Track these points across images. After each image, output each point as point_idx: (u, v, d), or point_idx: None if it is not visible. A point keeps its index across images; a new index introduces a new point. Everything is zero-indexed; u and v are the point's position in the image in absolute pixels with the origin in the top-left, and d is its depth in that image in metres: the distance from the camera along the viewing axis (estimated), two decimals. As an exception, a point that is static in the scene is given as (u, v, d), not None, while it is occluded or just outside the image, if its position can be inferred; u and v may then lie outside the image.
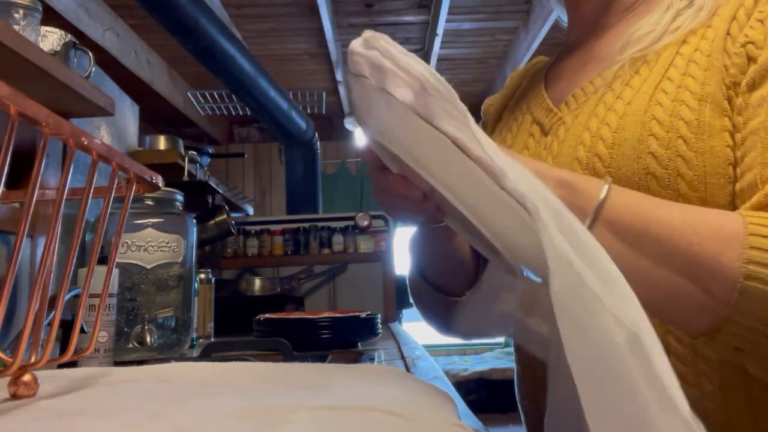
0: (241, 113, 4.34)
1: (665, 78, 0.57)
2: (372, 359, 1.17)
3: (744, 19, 0.55)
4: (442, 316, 0.75)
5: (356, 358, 1.24)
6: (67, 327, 0.92)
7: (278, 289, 2.24)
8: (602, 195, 0.48)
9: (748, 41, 0.54)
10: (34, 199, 0.40)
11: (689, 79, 0.56)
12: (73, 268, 0.47)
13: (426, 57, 4.05)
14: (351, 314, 1.46)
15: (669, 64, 0.58)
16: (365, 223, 2.66)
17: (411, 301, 0.81)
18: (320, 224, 2.75)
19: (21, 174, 1.03)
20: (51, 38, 1.18)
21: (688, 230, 0.45)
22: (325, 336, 1.37)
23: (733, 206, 0.52)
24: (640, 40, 0.60)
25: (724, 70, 0.54)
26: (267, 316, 1.49)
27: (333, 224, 2.73)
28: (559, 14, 0.77)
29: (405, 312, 2.80)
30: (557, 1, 0.73)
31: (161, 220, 1.28)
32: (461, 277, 0.72)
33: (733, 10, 0.56)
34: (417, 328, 3.88)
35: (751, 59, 0.53)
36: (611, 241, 0.46)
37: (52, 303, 0.59)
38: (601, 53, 0.66)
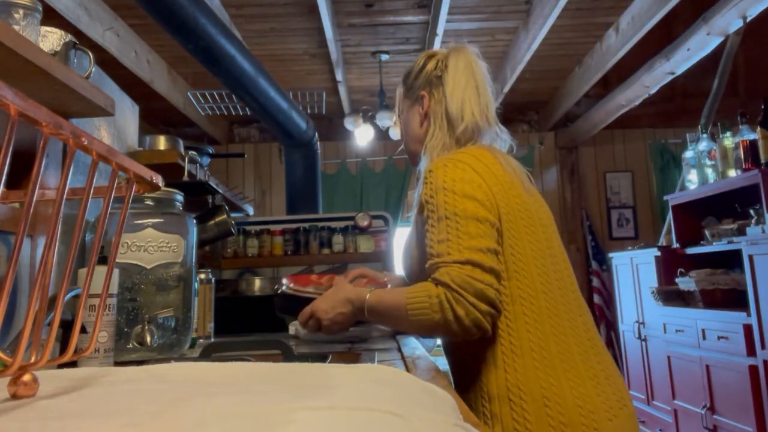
0: (241, 113, 4.34)
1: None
2: (372, 359, 1.17)
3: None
4: None
5: (356, 358, 1.24)
6: (67, 327, 0.92)
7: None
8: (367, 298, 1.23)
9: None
10: (34, 199, 0.40)
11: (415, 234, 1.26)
12: (73, 268, 0.47)
13: (426, 57, 4.05)
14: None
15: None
16: (365, 223, 2.66)
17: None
18: (320, 224, 2.75)
19: (21, 174, 1.03)
20: (51, 38, 1.18)
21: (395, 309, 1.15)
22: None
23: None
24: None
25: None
26: (287, 284, 1.46)
27: (333, 224, 2.73)
28: None
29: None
30: None
31: (161, 220, 1.28)
32: None
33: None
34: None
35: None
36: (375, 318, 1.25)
37: (52, 303, 0.59)
38: None
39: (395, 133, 4.51)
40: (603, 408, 1.04)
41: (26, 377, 0.42)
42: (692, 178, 3.37)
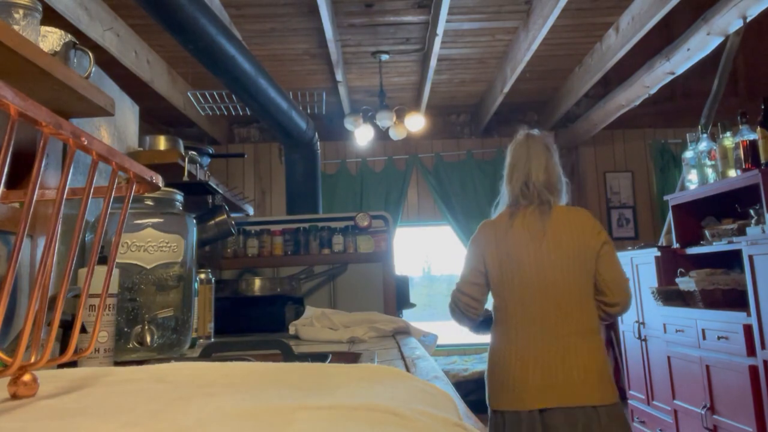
0: (241, 113, 4.34)
1: None
2: (372, 359, 1.17)
3: None
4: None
5: (356, 358, 1.24)
6: (67, 327, 0.92)
7: (278, 289, 2.24)
8: None
9: None
10: (34, 199, 0.40)
11: None
12: (73, 268, 0.47)
13: (426, 57, 4.05)
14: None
15: None
16: (365, 223, 2.67)
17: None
18: (320, 224, 2.75)
19: (21, 174, 1.03)
20: (51, 38, 1.18)
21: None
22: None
23: None
24: None
25: None
26: None
27: (333, 224, 2.73)
28: None
29: (405, 312, 2.80)
30: None
31: (161, 220, 1.28)
32: None
33: None
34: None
35: None
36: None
37: (52, 303, 0.59)
38: None
39: (395, 134, 4.52)
40: (529, 379, 1.79)
41: (26, 377, 0.42)
42: (692, 178, 3.37)
